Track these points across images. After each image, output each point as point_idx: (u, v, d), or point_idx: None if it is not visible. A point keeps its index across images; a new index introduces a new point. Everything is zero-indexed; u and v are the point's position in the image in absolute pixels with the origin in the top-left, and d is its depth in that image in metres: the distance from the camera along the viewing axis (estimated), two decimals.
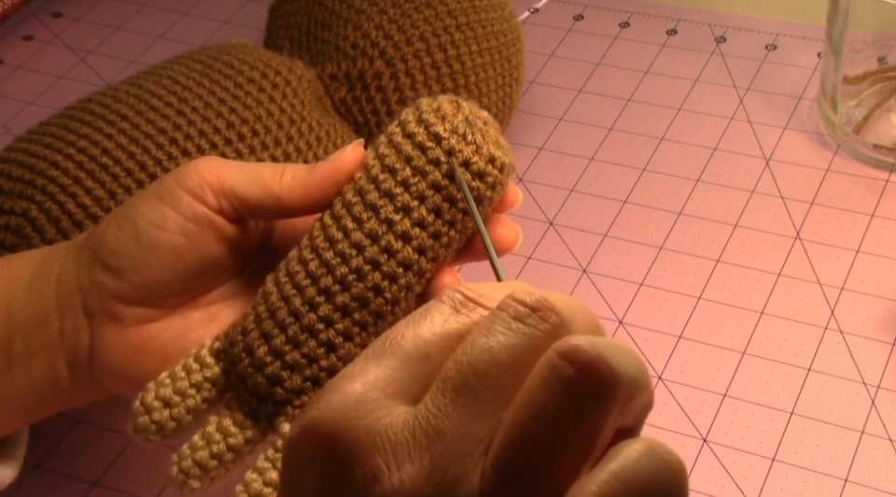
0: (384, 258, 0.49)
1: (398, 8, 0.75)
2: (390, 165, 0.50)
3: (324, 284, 0.50)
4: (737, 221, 0.78)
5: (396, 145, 0.51)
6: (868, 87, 0.84)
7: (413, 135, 0.50)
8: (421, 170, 0.50)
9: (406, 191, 0.50)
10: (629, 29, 0.95)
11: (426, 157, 0.50)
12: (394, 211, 0.50)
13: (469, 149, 0.50)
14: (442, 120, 0.50)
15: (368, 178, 0.51)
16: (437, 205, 0.50)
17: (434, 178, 0.50)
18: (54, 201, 0.65)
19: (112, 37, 1.00)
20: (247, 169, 0.53)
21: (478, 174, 0.50)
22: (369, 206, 0.50)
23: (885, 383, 0.68)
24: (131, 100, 0.69)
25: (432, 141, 0.50)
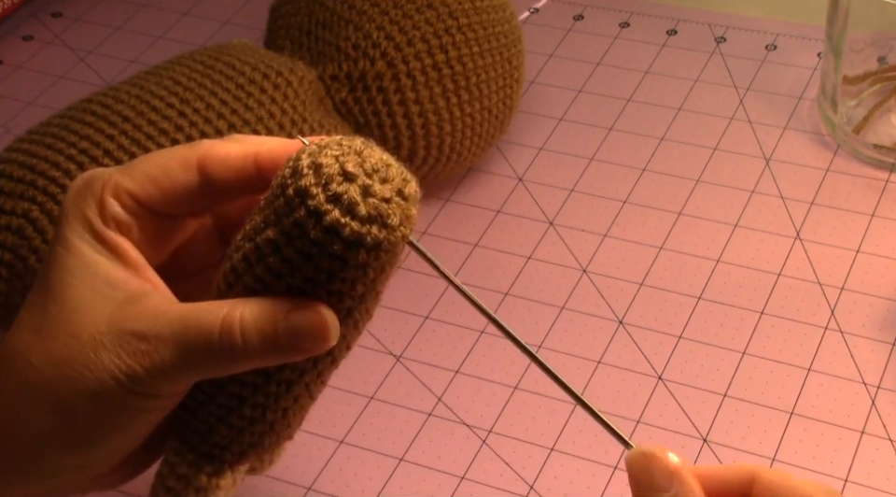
0: None
1: (399, 9, 0.75)
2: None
3: None
4: (737, 221, 0.78)
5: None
6: (868, 87, 0.84)
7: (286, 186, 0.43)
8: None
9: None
10: (629, 29, 0.96)
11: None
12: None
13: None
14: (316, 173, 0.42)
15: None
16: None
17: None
18: (55, 202, 0.65)
19: (112, 37, 1.00)
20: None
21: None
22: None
23: (885, 383, 0.68)
24: (132, 101, 0.69)
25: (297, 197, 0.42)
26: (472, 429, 0.68)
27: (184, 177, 0.46)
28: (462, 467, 0.66)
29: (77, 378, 0.44)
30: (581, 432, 0.67)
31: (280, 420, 0.49)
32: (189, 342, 0.44)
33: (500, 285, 0.75)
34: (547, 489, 0.64)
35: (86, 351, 0.44)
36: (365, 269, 0.43)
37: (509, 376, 0.70)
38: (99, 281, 0.45)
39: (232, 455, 0.49)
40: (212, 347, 0.44)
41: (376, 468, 0.66)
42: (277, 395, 0.48)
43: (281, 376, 0.47)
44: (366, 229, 0.42)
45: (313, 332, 0.44)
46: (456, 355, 0.72)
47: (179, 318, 0.44)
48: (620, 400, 0.68)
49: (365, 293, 0.45)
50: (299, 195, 0.42)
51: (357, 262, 0.43)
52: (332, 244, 0.42)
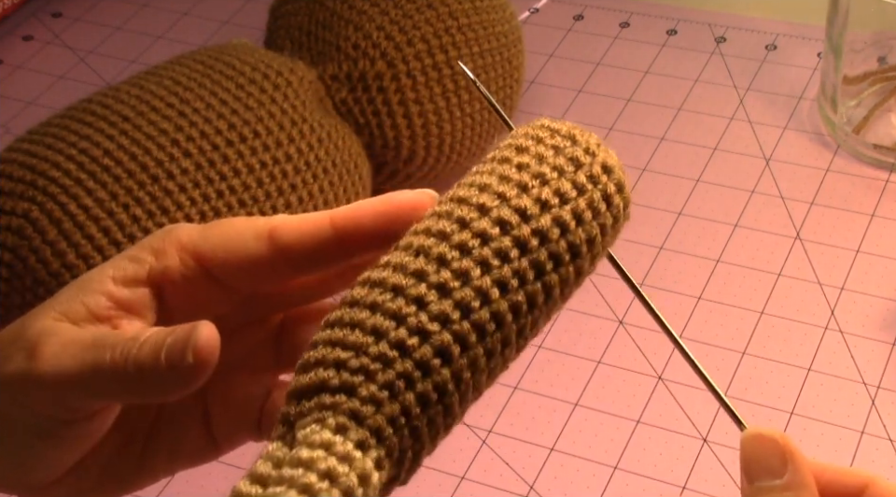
0: None
1: (399, 9, 0.75)
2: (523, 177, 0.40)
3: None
4: (737, 221, 0.78)
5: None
6: (868, 87, 0.84)
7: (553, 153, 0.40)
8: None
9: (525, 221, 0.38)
10: (629, 29, 0.96)
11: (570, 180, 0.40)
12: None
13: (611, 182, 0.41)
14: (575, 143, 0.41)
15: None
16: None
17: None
18: (56, 202, 0.65)
19: (112, 37, 1.00)
20: (86, 368, 0.41)
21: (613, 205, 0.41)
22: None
23: (885, 383, 0.68)
24: (132, 101, 0.69)
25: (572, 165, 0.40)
26: (472, 429, 0.68)
27: (255, 246, 0.43)
28: (462, 467, 0.66)
29: None
30: (580, 432, 0.67)
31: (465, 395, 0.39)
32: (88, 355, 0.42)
33: None
34: (547, 489, 0.64)
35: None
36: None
37: (509, 376, 0.70)
38: None
39: (402, 440, 0.37)
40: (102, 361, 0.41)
41: None
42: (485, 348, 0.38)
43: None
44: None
45: (182, 333, 0.41)
46: None
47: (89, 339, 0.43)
48: (620, 400, 0.68)
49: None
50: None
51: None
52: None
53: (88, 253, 0.64)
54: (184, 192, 0.66)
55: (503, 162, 0.41)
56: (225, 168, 0.67)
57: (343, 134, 0.72)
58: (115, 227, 0.65)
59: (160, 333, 0.41)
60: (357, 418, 0.35)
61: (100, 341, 0.42)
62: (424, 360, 0.36)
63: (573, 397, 0.69)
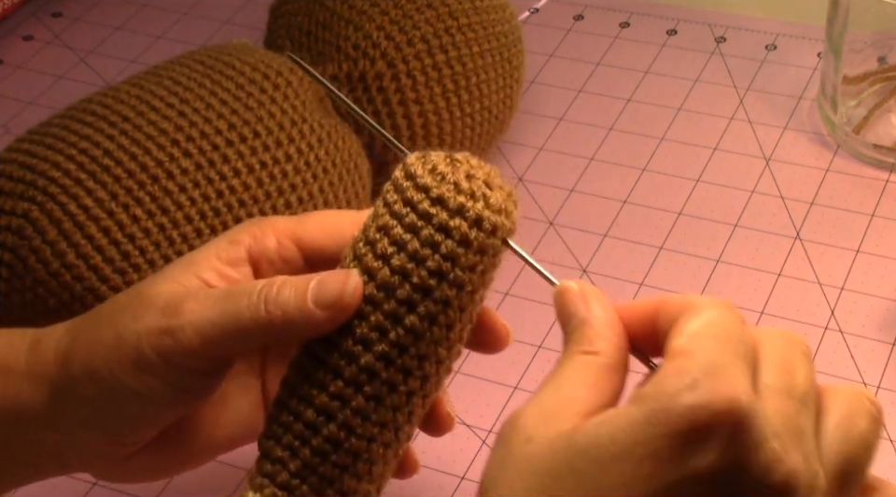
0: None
1: (399, 9, 0.75)
2: (398, 240, 0.46)
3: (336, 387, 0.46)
4: (737, 221, 0.78)
5: (397, 214, 0.46)
6: (868, 87, 0.84)
7: (416, 204, 0.45)
8: (429, 242, 0.45)
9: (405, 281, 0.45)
10: (629, 29, 0.96)
11: (432, 226, 0.45)
12: (410, 290, 0.45)
13: (478, 206, 0.45)
14: (443, 180, 0.45)
15: (374, 255, 0.46)
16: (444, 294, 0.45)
17: (444, 252, 0.45)
18: (55, 202, 0.65)
19: (112, 37, 1.00)
20: (227, 317, 0.46)
21: (491, 231, 0.46)
22: (381, 287, 0.46)
23: (885, 383, 0.68)
24: (132, 101, 0.69)
25: (437, 206, 0.45)
26: (472, 429, 0.68)
27: (350, 231, 0.48)
28: (462, 467, 0.66)
29: (119, 345, 0.47)
30: None
31: (362, 456, 0.47)
32: (223, 307, 0.47)
33: (500, 285, 0.75)
34: None
35: (128, 320, 0.48)
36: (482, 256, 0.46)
37: (509, 376, 0.70)
38: None
39: (313, 490, 0.46)
40: (250, 305, 0.46)
41: None
42: (366, 413, 0.46)
43: (373, 389, 0.46)
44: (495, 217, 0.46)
45: (336, 282, 0.46)
46: None
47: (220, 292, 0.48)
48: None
49: (475, 291, 0.47)
50: (437, 202, 0.45)
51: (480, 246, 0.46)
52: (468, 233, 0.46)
53: (88, 253, 0.64)
54: (184, 192, 0.66)
55: (384, 231, 0.47)
56: (225, 168, 0.67)
57: (343, 134, 0.72)
58: (115, 227, 0.65)
59: (294, 279, 0.46)
60: (269, 477, 0.47)
61: (233, 292, 0.47)
62: (310, 422, 0.46)
63: None
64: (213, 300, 0.47)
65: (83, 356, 0.48)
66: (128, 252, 0.65)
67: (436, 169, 0.46)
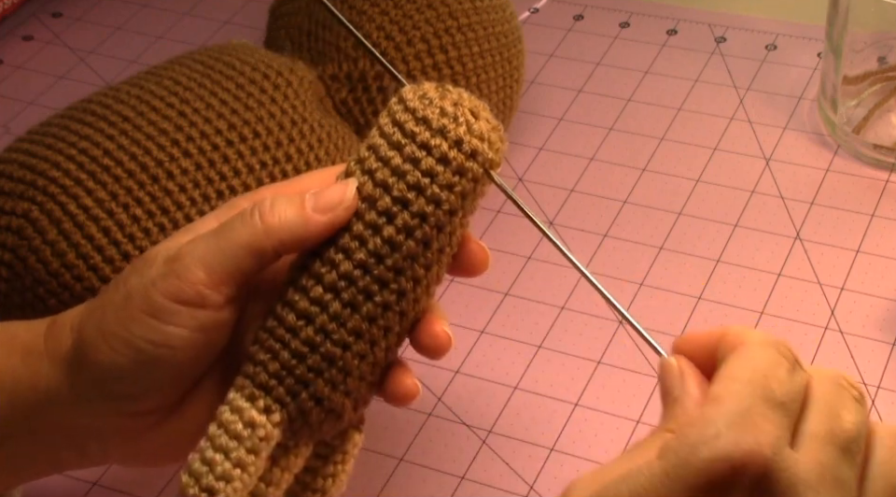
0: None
1: (399, 9, 0.75)
2: (383, 156, 0.49)
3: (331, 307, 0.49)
4: (737, 221, 0.78)
5: (386, 134, 0.49)
6: (868, 87, 0.84)
7: (403, 124, 0.49)
8: (411, 158, 0.48)
9: (388, 194, 0.48)
10: (629, 29, 0.96)
11: (415, 143, 0.48)
12: (390, 202, 0.48)
13: (460, 129, 0.48)
14: (430, 104, 0.49)
15: (361, 171, 0.49)
16: (421, 208, 0.48)
17: (424, 168, 0.48)
18: (56, 202, 0.65)
19: (112, 37, 1.00)
20: (226, 238, 0.48)
21: (470, 154, 0.49)
22: (365, 199, 0.49)
23: (885, 383, 0.68)
24: (132, 101, 0.69)
25: (420, 125, 0.49)
26: (472, 429, 0.68)
27: None
28: (462, 467, 0.66)
29: (131, 304, 0.48)
30: (581, 431, 0.67)
31: (336, 363, 0.48)
32: (222, 229, 0.49)
33: (500, 285, 0.75)
34: (547, 488, 0.64)
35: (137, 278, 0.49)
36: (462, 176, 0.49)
37: (509, 376, 0.70)
38: None
39: (288, 392, 0.48)
40: (245, 223, 0.48)
41: (376, 468, 0.66)
42: (342, 319, 0.48)
43: (350, 296, 0.48)
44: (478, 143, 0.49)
45: (338, 192, 0.48)
46: (456, 355, 0.72)
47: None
48: (620, 399, 0.68)
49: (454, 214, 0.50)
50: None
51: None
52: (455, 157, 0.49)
53: (88, 253, 0.64)
54: (184, 192, 0.66)
55: (372, 149, 0.50)
56: (225, 168, 0.67)
57: (343, 134, 0.72)
58: (115, 227, 0.65)
59: (285, 195, 0.49)
60: (251, 378, 0.49)
61: (226, 221, 0.49)
62: (290, 325, 0.49)
63: (573, 397, 0.69)
64: (209, 234, 0.49)
65: (95, 321, 0.49)
66: (128, 252, 0.65)
67: (426, 95, 0.49)
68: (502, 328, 0.73)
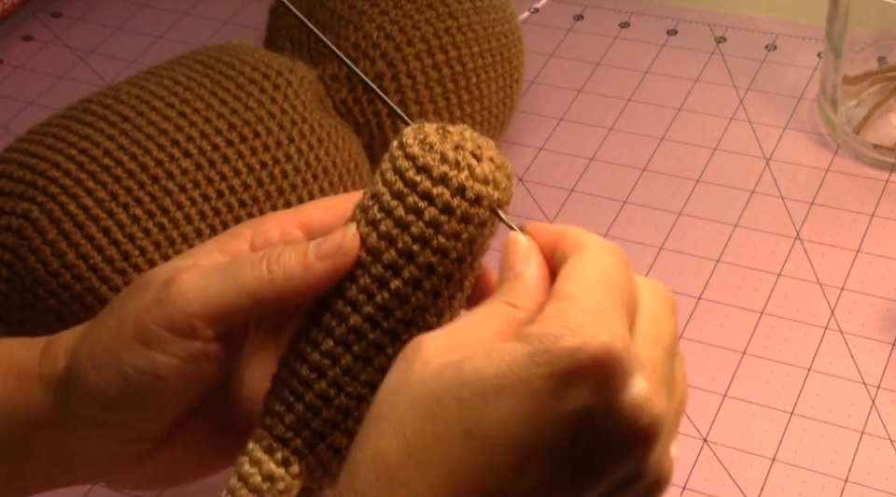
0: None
1: (399, 9, 0.75)
2: (386, 206, 0.47)
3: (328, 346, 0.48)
4: (737, 221, 0.78)
5: (388, 182, 0.48)
6: (868, 87, 0.84)
7: (404, 172, 0.47)
8: (413, 209, 0.47)
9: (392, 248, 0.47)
10: (629, 29, 0.96)
11: (417, 193, 0.47)
12: (395, 255, 0.47)
13: (462, 175, 0.47)
14: (430, 150, 0.47)
15: (365, 221, 0.48)
16: (427, 260, 0.47)
17: (427, 219, 0.47)
18: (56, 202, 0.65)
19: (112, 37, 1.00)
20: (227, 278, 0.47)
21: (475, 200, 0.47)
22: (370, 251, 0.47)
23: (885, 383, 0.68)
24: (132, 101, 0.69)
25: (421, 174, 0.47)
26: None
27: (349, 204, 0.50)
28: None
29: (124, 332, 0.48)
30: None
31: (352, 414, 0.48)
32: (225, 277, 0.48)
33: None
34: None
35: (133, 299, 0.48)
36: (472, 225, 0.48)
37: None
38: None
39: (306, 445, 0.48)
40: (253, 269, 0.47)
41: None
42: (354, 372, 0.48)
43: (361, 349, 0.48)
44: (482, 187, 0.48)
45: (335, 235, 0.48)
46: None
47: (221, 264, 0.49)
48: None
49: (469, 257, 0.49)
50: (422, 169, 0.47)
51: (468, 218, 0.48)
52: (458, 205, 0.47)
53: (88, 253, 0.64)
54: (184, 192, 0.66)
55: (375, 198, 0.48)
56: (225, 168, 0.67)
57: (343, 134, 0.72)
58: (115, 227, 0.65)
59: (291, 246, 0.48)
60: (268, 430, 0.49)
61: (233, 260, 0.48)
62: (304, 378, 0.48)
63: None
64: (212, 268, 0.48)
65: (87, 347, 0.48)
66: (128, 252, 0.65)
67: (426, 139, 0.48)
68: None
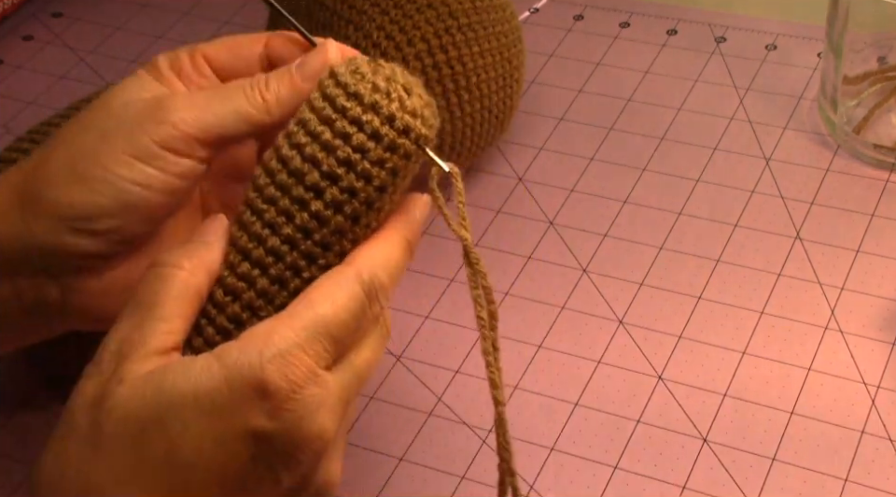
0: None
1: (399, 9, 0.75)
2: (313, 130, 0.49)
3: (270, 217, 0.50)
4: (737, 221, 0.78)
5: (316, 109, 0.49)
6: (868, 87, 0.84)
7: (334, 98, 0.49)
8: (342, 133, 0.48)
9: (329, 155, 0.49)
10: (629, 29, 0.96)
11: (346, 118, 0.48)
12: (319, 177, 0.49)
13: (393, 106, 0.48)
14: (362, 79, 0.49)
15: (289, 145, 0.49)
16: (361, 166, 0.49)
17: (354, 143, 0.48)
18: None
19: (112, 37, 1.00)
20: (224, 104, 0.52)
21: (403, 130, 0.49)
22: (293, 173, 0.49)
23: (885, 383, 0.68)
24: None
25: (352, 100, 0.48)
26: (472, 429, 0.68)
27: (251, 46, 0.55)
28: (462, 467, 0.66)
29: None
30: (580, 432, 0.67)
31: None
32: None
33: (500, 285, 0.75)
34: (547, 489, 0.64)
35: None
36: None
37: (509, 376, 0.70)
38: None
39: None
40: (246, 94, 0.52)
41: (376, 468, 0.66)
42: (269, 296, 0.49)
43: (277, 272, 0.49)
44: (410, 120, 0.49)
45: (320, 58, 0.52)
46: (456, 355, 0.72)
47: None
48: (620, 400, 0.68)
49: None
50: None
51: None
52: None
53: None
54: None
55: (301, 124, 0.50)
56: None
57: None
58: None
59: (274, 73, 0.53)
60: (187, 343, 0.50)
61: (226, 87, 0.53)
62: (218, 302, 0.50)
63: (573, 397, 0.69)
64: (204, 94, 0.52)
65: (61, 166, 0.51)
66: None
67: (358, 69, 0.49)
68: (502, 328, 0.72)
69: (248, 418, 0.45)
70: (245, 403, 0.45)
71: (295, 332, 0.46)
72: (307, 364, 0.46)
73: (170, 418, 0.45)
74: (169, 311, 0.48)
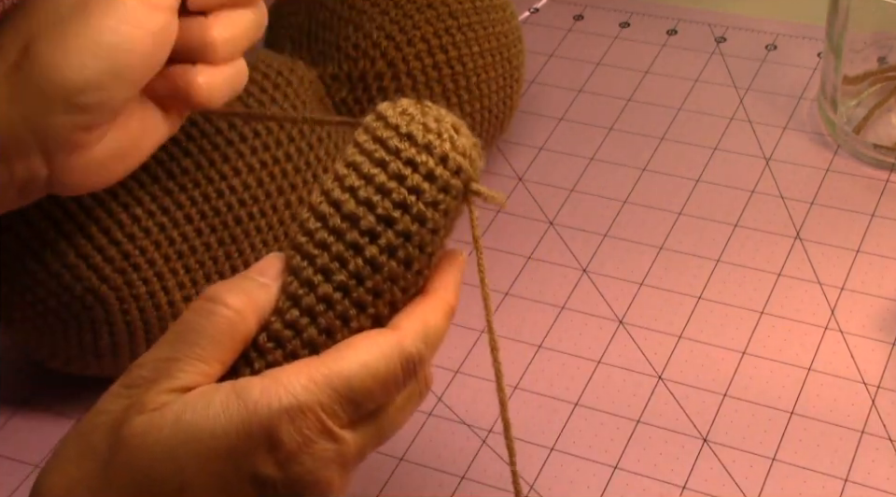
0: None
1: (399, 9, 0.75)
2: (366, 173, 0.48)
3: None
4: (737, 221, 0.78)
5: (367, 151, 0.49)
6: (868, 87, 0.84)
7: (386, 140, 0.49)
8: (397, 175, 0.48)
9: (383, 197, 0.48)
10: (629, 29, 0.96)
11: (400, 159, 0.48)
12: (374, 221, 0.48)
13: (446, 145, 0.48)
14: (412, 120, 0.49)
15: (341, 189, 0.49)
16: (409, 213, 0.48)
17: (410, 185, 0.48)
18: (55, 201, 0.65)
19: None
20: None
21: (455, 170, 0.48)
22: (346, 217, 0.48)
23: (885, 383, 0.68)
24: None
25: (405, 141, 0.48)
26: (472, 429, 0.68)
27: None
28: (462, 467, 0.66)
29: None
30: (581, 432, 0.67)
31: None
32: None
33: (500, 285, 0.75)
34: (547, 489, 0.64)
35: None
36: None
37: (509, 376, 0.70)
38: None
39: None
40: None
41: (376, 468, 0.66)
42: (314, 346, 0.49)
43: (326, 321, 0.49)
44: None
45: None
46: (456, 355, 0.72)
47: None
48: (620, 400, 0.68)
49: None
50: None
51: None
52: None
53: (88, 253, 0.64)
54: (184, 192, 0.66)
55: (352, 166, 0.49)
56: (225, 168, 0.67)
57: (343, 133, 0.72)
58: (115, 227, 0.65)
59: None
60: None
61: None
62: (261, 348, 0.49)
63: (573, 397, 0.69)
64: None
65: (50, 43, 0.53)
66: (128, 252, 0.65)
67: (406, 111, 0.49)
68: (502, 328, 0.73)
69: (257, 464, 0.46)
70: (257, 449, 0.45)
71: (318, 386, 0.46)
72: (322, 421, 0.46)
73: (185, 455, 0.45)
74: (209, 353, 0.47)
